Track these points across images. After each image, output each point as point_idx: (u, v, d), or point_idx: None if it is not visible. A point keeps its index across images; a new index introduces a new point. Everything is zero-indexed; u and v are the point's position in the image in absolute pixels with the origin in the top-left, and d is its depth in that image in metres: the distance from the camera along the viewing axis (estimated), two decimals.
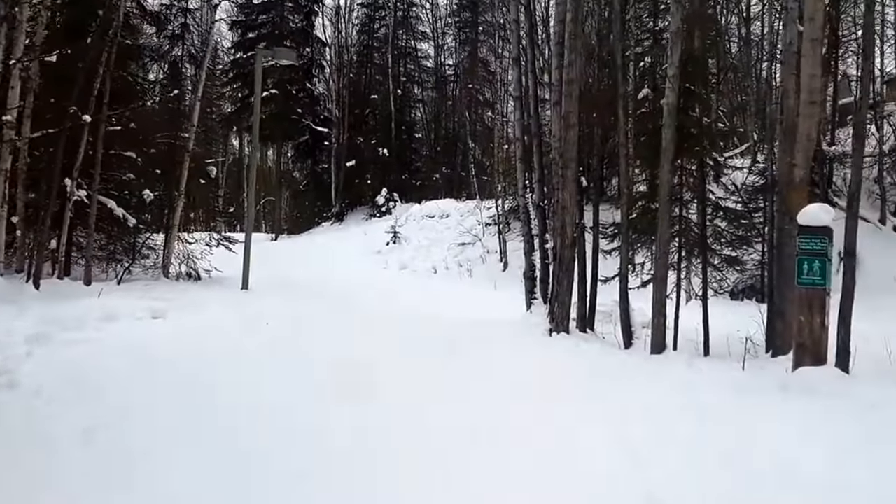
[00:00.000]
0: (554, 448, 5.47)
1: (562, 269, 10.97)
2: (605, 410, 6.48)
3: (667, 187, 8.73)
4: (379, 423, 6.00)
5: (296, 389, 6.82)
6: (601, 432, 5.78)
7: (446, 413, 6.41)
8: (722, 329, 13.08)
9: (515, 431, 5.86)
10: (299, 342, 9.50)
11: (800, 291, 7.17)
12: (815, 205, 7.21)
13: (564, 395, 7.06)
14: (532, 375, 7.92)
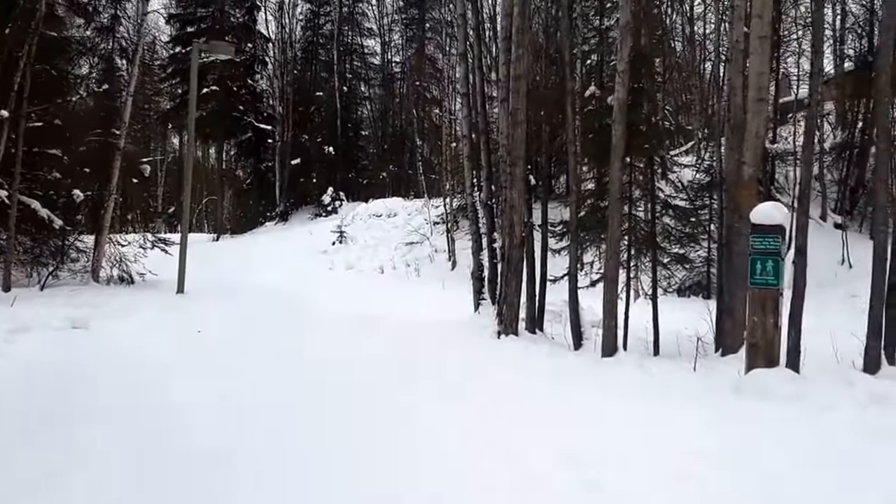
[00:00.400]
0: (494, 452, 5.22)
1: (510, 269, 10.73)
2: (553, 415, 6.24)
3: (617, 185, 8.54)
4: (311, 431, 5.69)
5: (220, 404, 6.42)
6: (546, 437, 5.53)
7: (386, 417, 6.14)
8: (671, 327, 13.02)
9: (459, 436, 5.61)
10: (231, 350, 9.07)
11: (753, 291, 7.02)
12: (768, 203, 7.08)
13: (511, 400, 6.80)
14: (479, 380, 7.65)
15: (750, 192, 9.73)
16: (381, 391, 7.09)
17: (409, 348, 9.59)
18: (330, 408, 6.41)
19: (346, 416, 6.10)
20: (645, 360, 9.48)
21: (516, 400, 6.78)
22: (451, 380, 7.62)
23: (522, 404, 6.63)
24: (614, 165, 8.52)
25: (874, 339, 9.47)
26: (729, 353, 9.89)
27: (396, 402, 6.66)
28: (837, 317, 12.79)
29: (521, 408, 6.50)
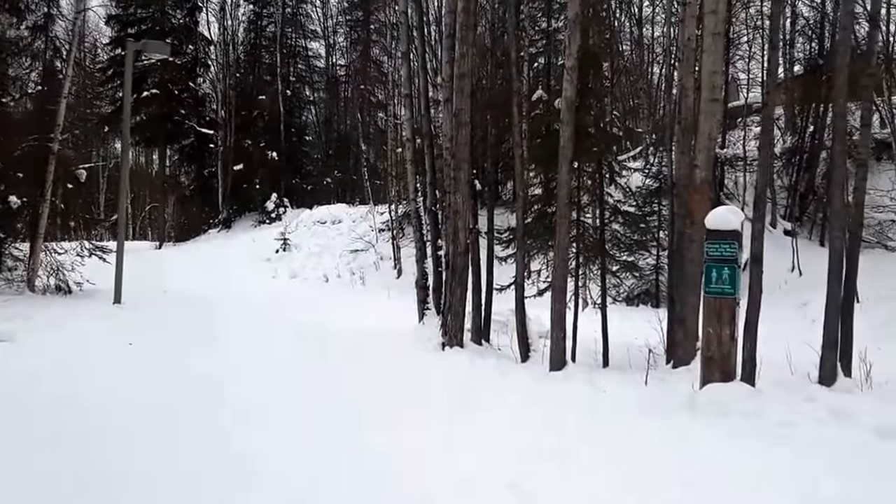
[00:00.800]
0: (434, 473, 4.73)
1: (454, 277, 10.23)
2: (501, 440, 5.74)
3: (566, 189, 8.08)
4: (246, 450, 5.25)
5: (150, 416, 5.99)
6: (494, 467, 5.02)
7: (322, 435, 5.73)
8: (620, 337, 12.72)
9: (401, 456, 5.13)
10: (164, 362, 8.55)
11: (708, 301, 6.61)
12: (723, 207, 6.69)
13: (454, 421, 6.29)
14: (418, 400, 7.12)
15: (702, 196, 9.39)
16: (327, 411, 6.53)
17: (348, 363, 9.04)
18: (232, 437, 5.84)
19: (317, 433, 5.64)
20: (595, 373, 9.07)
21: (460, 422, 6.25)
22: (389, 398, 7.08)
23: (466, 427, 6.11)
24: (562, 169, 8.06)
25: (830, 351, 9.18)
26: (681, 365, 9.52)
27: (351, 422, 6.14)
28: (789, 325, 12.61)
29: (465, 431, 5.99)
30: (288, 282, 24.02)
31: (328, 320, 14.22)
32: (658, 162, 19.89)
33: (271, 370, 8.37)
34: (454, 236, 10.20)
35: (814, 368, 9.61)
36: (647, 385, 8.25)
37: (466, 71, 10.13)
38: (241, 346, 10.27)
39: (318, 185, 35.30)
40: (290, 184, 34.64)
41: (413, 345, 10.64)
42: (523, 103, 13.32)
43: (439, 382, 7.97)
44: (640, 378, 8.48)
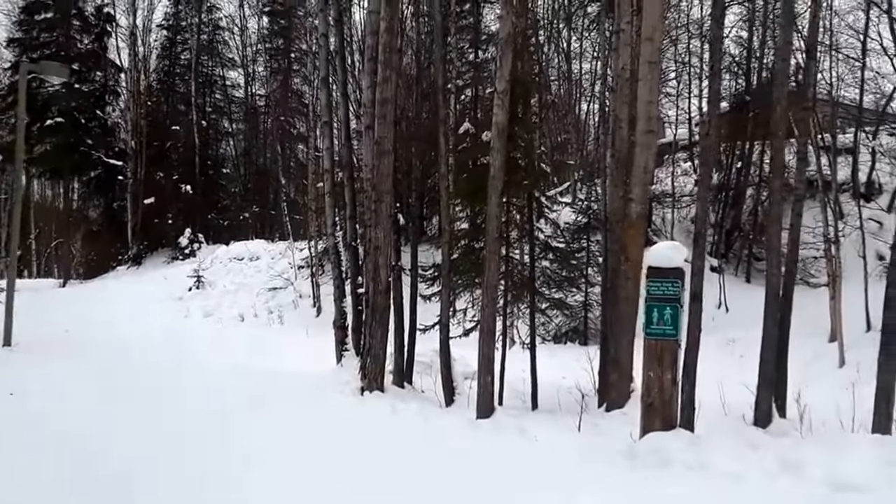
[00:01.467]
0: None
1: (375, 317, 9.65)
2: (422, 497, 5.17)
3: (495, 222, 7.63)
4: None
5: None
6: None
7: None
8: (549, 377, 12.36)
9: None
10: (38, 416, 7.66)
11: (648, 343, 6.23)
12: (665, 244, 6.35)
13: (370, 477, 5.68)
14: (332, 450, 6.48)
15: (638, 231, 9.11)
16: (225, 469, 5.81)
17: (254, 410, 8.31)
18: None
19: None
20: (524, 418, 8.59)
21: (375, 487, 5.62)
22: (294, 454, 6.39)
23: (384, 492, 5.49)
24: (492, 201, 7.62)
25: (766, 391, 8.93)
26: (614, 408, 9.15)
27: (250, 483, 5.46)
28: (718, 362, 12.48)
29: (381, 498, 5.38)
30: (201, 321, 22.94)
31: (241, 362, 13.48)
32: (587, 197, 19.83)
33: (161, 424, 7.56)
34: (374, 273, 9.64)
35: (748, 408, 9.37)
36: (581, 431, 7.82)
37: (389, 96, 9.67)
38: (133, 394, 9.34)
39: (235, 221, 34.11)
40: (206, 219, 33.43)
41: (330, 389, 9.97)
42: (450, 133, 12.97)
43: (355, 433, 7.33)
44: (573, 422, 8.04)
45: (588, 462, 6.14)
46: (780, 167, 9.13)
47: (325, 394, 9.64)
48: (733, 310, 17.20)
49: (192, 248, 30.24)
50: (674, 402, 6.20)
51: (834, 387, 12.30)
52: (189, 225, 31.29)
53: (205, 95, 35.68)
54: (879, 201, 18.29)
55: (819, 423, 8.50)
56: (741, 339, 15.39)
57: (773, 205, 9.16)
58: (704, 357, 11.15)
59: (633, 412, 8.87)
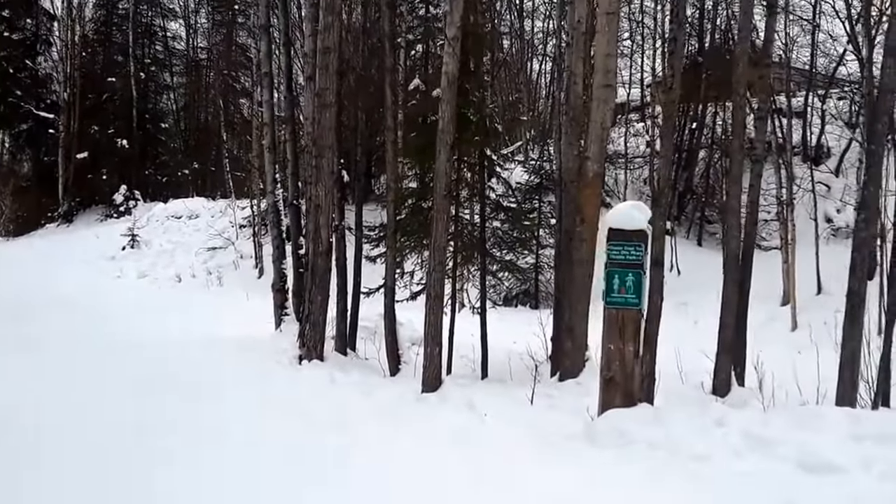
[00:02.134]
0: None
1: (315, 281, 9.04)
2: (356, 489, 4.63)
3: (444, 180, 7.02)
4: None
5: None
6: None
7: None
8: (499, 341, 11.98)
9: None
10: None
11: (609, 312, 5.73)
12: (627, 203, 5.83)
13: (294, 465, 5.11)
14: (257, 433, 5.88)
15: (594, 191, 8.63)
16: (138, 461, 5.16)
17: (179, 383, 7.63)
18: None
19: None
20: (474, 390, 8.10)
21: (304, 477, 5.02)
22: (215, 437, 5.77)
23: (312, 483, 4.91)
24: (441, 156, 7.01)
25: (725, 358, 8.62)
26: (568, 377, 8.75)
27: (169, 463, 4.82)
28: (671, 327, 11.99)
29: (311, 490, 4.80)
30: (135, 282, 21.96)
31: (173, 326, 12.70)
32: (539, 157, 19.36)
33: (70, 398, 6.83)
34: (315, 234, 9.00)
35: (706, 375, 9.07)
36: (534, 404, 7.37)
37: (332, 45, 8.95)
38: (34, 370, 8.41)
39: (174, 177, 32.80)
40: (143, 175, 32.03)
41: (266, 358, 9.33)
42: (399, 89, 12.30)
43: (287, 410, 6.70)
44: (525, 394, 7.59)
45: (543, 442, 5.67)
46: (740, 125, 8.72)
47: (260, 364, 8.99)
48: (685, 273, 16.99)
49: (127, 205, 29.04)
50: (636, 376, 5.75)
51: (787, 350, 12.14)
52: (125, 181, 30.02)
53: (143, 47, 34.00)
54: (828, 165, 18.20)
55: (779, 391, 8.26)
56: (694, 303, 15.21)
57: (733, 164, 8.77)
58: (663, 321, 10.81)
59: (587, 382, 8.48)
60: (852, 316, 6.96)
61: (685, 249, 17.60)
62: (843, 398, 6.99)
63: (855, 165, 17.34)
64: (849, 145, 17.85)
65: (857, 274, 6.92)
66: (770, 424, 5.62)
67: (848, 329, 6.97)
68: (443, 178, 6.91)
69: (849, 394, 6.98)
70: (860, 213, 6.96)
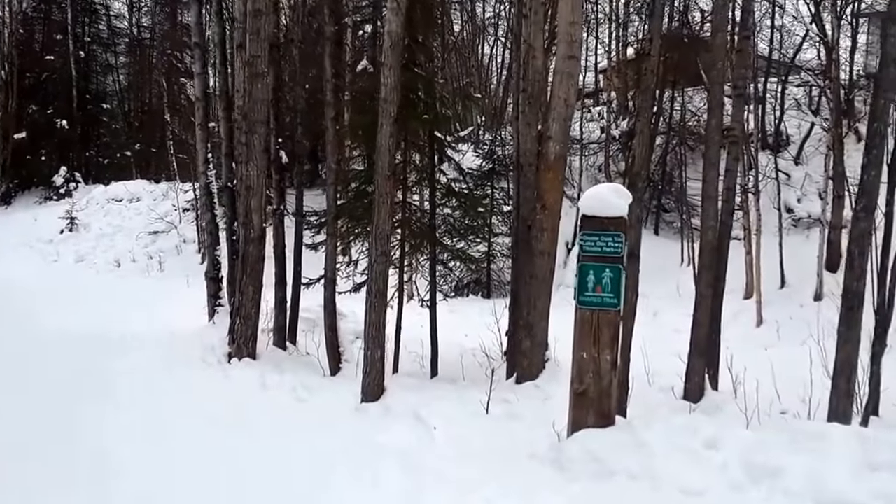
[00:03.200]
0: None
1: (246, 271, 7.87)
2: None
3: (387, 157, 5.86)
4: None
5: None
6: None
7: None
8: (450, 334, 11.00)
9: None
10: None
11: (582, 314, 4.67)
12: (605, 185, 4.75)
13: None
14: (162, 456, 4.73)
15: (556, 175, 7.59)
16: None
17: (90, 395, 6.45)
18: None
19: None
20: (422, 393, 7.03)
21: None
22: (112, 474, 4.62)
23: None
24: (383, 130, 5.85)
25: (698, 360, 7.68)
26: (526, 380, 7.73)
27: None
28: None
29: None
30: (72, 267, 20.51)
31: (101, 317, 11.50)
32: (492, 142, 18.31)
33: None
34: (246, 218, 7.83)
35: (675, 378, 8.16)
36: (490, 413, 6.33)
37: (263, 7, 7.74)
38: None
39: (117, 159, 30.92)
40: (84, 156, 30.23)
41: (191, 356, 8.15)
42: (345, 69, 11.20)
43: (205, 424, 5.57)
44: (479, 399, 6.56)
45: (503, 468, 4.62)
46: (718, 103, 7.75)
47: (184, 364, 7.82)
48: (643, 263, 15.96)
49: (67, 187, 27.25)
50: (612, 391, 4.71)
51: (754, 347, 11.31)
52: (65, 163, 28.22)
53: (84, 25, 32.03)
54: (789, 152, 17.48)
55: (755, 395, 7.39)
56: (653, 295, 14.27)
57: (709, 147, 7.80)
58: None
59: (547, 385, 7.49)
60: (849, 318, 6.05)
61: (642, 239, 16.72)
62: (837, 410, 6.10)
63: (817, 153, 16.66)
64: (809, 132, 17.12)
65: (856, 270, 6.00)
66: (769, 447, 4.65)
67: (844, 333, 6.05)
68: (385, 155, 5.76)
69: (843, 405, 6.09)
70: (859, 201, 6.04)
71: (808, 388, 7.80)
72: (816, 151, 16.93)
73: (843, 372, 6.09)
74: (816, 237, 15.04)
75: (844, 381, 6.09)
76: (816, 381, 7.84)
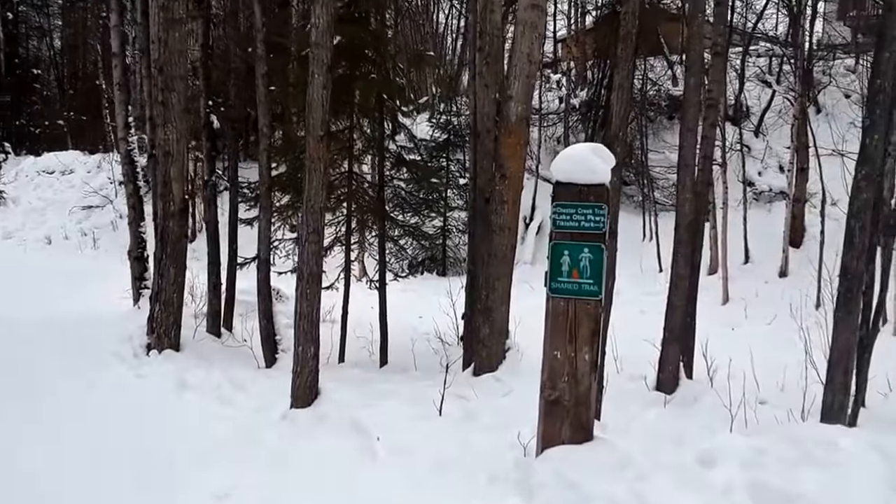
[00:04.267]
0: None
1: (166, 249, 6.84)
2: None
3: (320, 114, 4.80)
4: None
5: None
6: None
7: None
8: (403, 316, 10.19)
9: None
10: None
11: (555, 304, 3.78)
12: (582, 146, 3.83)
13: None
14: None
15: (518, 140, 6.71)
16: None
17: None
18: None
19: None
20: (366, 391, 6.13)
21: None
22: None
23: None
24: (315, 80, 4.80)
25: (673, 348, 6.89)
26: (485, 371, 6.89)
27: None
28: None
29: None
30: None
31: (24, 297, 10.37)
32: (447, 111, 17.34)
33: None
34: (164, 189, 6.78)
35: (644, 363, 7.40)
36: (443, 415, 5.46)
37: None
38: None
39: (49, 129, 29.05)
40: (14, 126, 28.34)
41: (106, 347, 7.07)
42: (291, 30, 10.14)
43: (103, 445, 4.58)
44: (432, 394, 5.69)
45: (459, 493, 3.74)
46: (698, 58, 6.92)
47: (95, 356, 6.74)
48: None
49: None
50: (591, 398, 3.85)
51: (721, 327, 10.64)
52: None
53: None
54: (752, 122, 16.86)
55: (731, 381, 6.66)
56: (617, 276, 13.59)
57: (687, 108, 6.96)
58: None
59: (509, 378, 6.64)
60: (847, 302, 5.26)
61: None
62: (833, 407, 5.33)
63: (777, 125, 16.05)
64: (770, 103, 16.48)
65: (857, 247, 5.21)
66: (775, 463, 3.87)
67: (842, 318, 5.27)
68: (318, 111, 4.76)
69: (839, 401, 5.32)
70: (860, 169, 5.24)
71: (783, 372, 7.20)
72: (777, 123, 16.34)
73: (839, 363, 5.33)
74: (778, 211, 14.48)
75: (841, 374, 5.32)
76: (791, 364, 7.23)
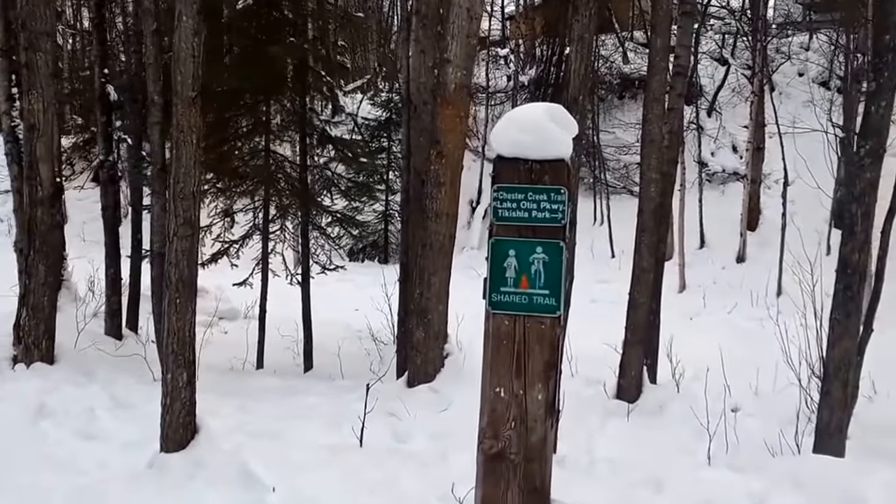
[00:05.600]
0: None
1: (34, 243, 5.60)
2: None
3: (190, 67, 3.49)
4: None
5: None
6: None
7: None
8: (337, 309, 9.21)
9: None
10: None
11: (497, 323, 2.63)
12: (531, 106, 2.68)
13: None
14: None
15: (457, 110, 5.59)
16: None
17: None
18: None
19: None
20: (270, 414, 4.99)
21: None
22: None
23: None
24: (183, 25, 3.45)
25: (635, 351, 5.86)
26: (420, 381, 5.82)
27: None
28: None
29: None
30: None
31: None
32: (389, 89, 16.17)
33: None
34: (30, 170, 5.53)
35: (600, 364, 6.41)
36: (364, 446, 4.34)
37: None
38: None
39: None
40: None
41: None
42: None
43: None
44: (356, 409, 4.59)
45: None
46: (666, 18, 5.87)
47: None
48: None
49: None
50: (548, 449, 2.72)
51: (679, 316, 9.75)
52: None
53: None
54: (707, 99, 16.03)
55: (696, 384, 5.79)
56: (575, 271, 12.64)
57: (652, 76, 5.91)
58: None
59: (447, 390, 5.57)
60: (847, 302, 4.28)
61: None
62: (830, 425, 4.37)
63: (730, 104, 15.21)
64: (724, 81, 15.65)
65: (858, 237, 4.23)
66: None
67: (841, 322, 4.29)
68: (188, 64, 3.51)
69: (837, 419, 4.36)
70: (863, 143, 4.26)
71: (755, 372, 6.36)
72: (731, 102, 15.53)
73: (837, 375, 4.36)
74: (732, 193, 13.69)
75: (840, 388, 4.36)
76: (762, 365, 6.40)
